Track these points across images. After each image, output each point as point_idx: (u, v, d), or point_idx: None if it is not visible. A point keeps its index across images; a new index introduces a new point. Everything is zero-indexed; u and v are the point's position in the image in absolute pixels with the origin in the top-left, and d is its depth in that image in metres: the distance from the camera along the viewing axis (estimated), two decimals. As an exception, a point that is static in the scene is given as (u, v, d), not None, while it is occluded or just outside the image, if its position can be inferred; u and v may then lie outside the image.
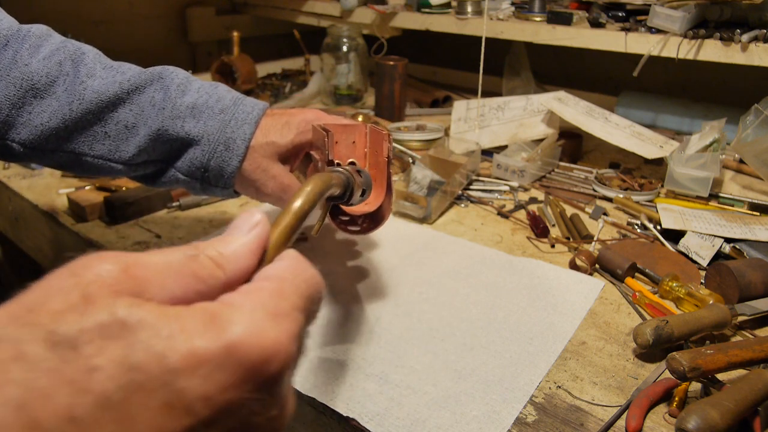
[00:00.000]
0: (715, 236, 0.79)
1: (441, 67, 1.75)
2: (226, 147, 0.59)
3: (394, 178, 1.04)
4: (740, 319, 0.64)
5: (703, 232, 0.80)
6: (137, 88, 0.59)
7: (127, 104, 0.59)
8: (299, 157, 0.64)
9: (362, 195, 0.50)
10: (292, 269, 0.28)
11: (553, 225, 0.87)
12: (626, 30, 1.09)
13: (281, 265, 0.28)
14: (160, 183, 0.63)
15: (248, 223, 0.29)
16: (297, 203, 0.32)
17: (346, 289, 0.70)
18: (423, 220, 0.88)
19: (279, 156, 0.61)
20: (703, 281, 0.72)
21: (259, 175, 0.60)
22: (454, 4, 1.36)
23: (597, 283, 0.72)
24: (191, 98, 0.60)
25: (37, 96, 0.57)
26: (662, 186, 0.98)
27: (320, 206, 0.46)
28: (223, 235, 0.29)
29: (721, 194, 0.96)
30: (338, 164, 0.52)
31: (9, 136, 0.57)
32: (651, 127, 1.15)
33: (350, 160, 0.60)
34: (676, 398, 0.53)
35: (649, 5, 1.07)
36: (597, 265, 0.75)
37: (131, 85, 0.58)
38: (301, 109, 0.64)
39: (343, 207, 0.56)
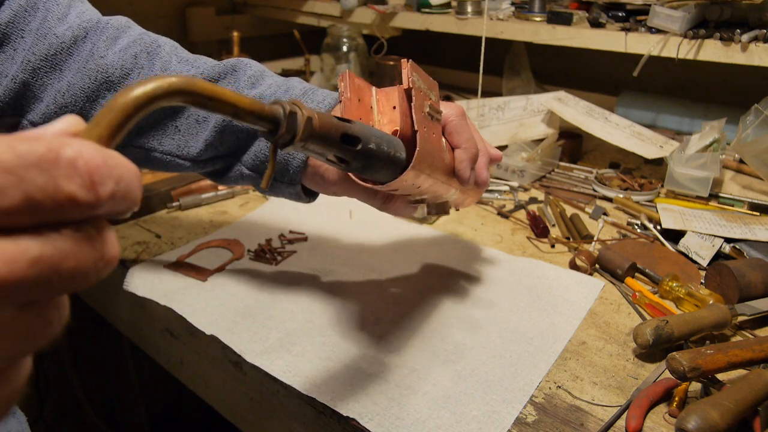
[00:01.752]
0: (715, 236, 0.79)
1: (441, 67, 1.75)
2: None
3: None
4: (740, 319, 0.64)
5: (703, 232, 0.80)
6: (210, 81, 0.57)
7: None
8: None
9: (365, 152, 0.40)
10: (19, 135, 0.21)
11: (553, 225, 0.88)
12: (626, 30, 1.09)
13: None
14: (227, 179, 0.61)
15: (56, 120, 0.23)
16: (125, 97, 0.24)
17: (346, 289, 0.70)
18: (423, 220, 0.88)
19: None
20: (703, 281, 0.72)
21: (322, 166, 0.56)
22: (454, 4, 1.36)
23: (597, 283, 0.72)
24: (259, 90, 0.58)
25: (111, 89, 0.57)
26: (662, 186, 0.98)
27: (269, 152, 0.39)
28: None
29: (721, 194, 0.96)
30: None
31: None
32: (651, 127, 1.15)
33: (395, 128, 0.49)
34: (676, 398, 0.53)
35: (649, 5, 1.07)
36: (597, 265, 0.75)
37: (204, 78, 0.57)
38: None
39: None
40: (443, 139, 0.55)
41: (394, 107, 0.50)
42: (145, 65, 0.57)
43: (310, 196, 0.61)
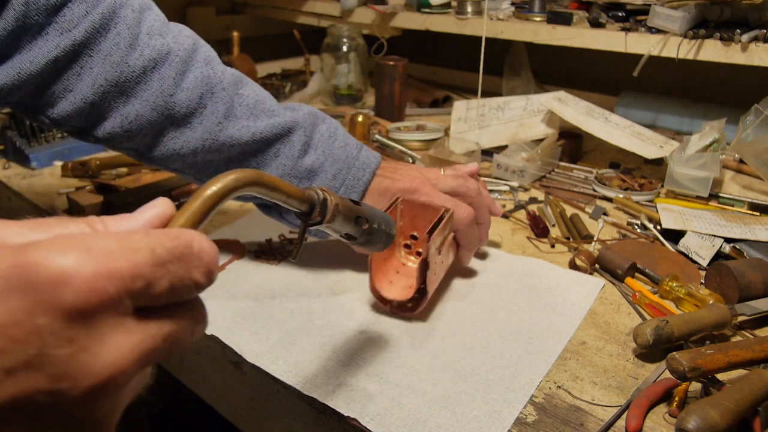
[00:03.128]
0: (715, 236, 0.79)
1: (441, 67, 1.75)
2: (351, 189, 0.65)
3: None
4: (740, 319, 0.64)
5: (703, 232, 0.80)
6: (267, 141, 0.64)
7: (258, 155, 0.65)
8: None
9: (369, 230, 0.48)
10: (164, 231, 0.26)
11: (553, 225, 0.88)
12: (626, 30, 1.09)
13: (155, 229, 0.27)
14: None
15: (150, 204, 0.28)
16: (211, 189, 0.30)
17: (347, 289, 0.70)
18: None
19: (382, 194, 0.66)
20: (703, 281, 0.72)
21: None
22: (454, 4, 1.36)
23: (597, 283, 0.72)
24: (310, 160, 0.65)
25: (174, 123, 0.61)
26: (662, 186, 0.98)
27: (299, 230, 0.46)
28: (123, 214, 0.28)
29: (721, 194, 0.96)
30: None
31: (147, 154, 0.64)
32: (651, 127, 1.15)
33: (413, 233, 0.69)
34: (676, 398, 0.53)
35: (649, 5, 1.07)
36: (597, 265, 0.75)
37: (262, 137, 0.63)
38: (406, 171, 0.68)
39: (379, 292, 0.65)
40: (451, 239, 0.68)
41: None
42: (208, 105, 0.62)
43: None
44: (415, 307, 0.63)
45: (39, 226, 0.25)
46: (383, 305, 0.65)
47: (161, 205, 0.28)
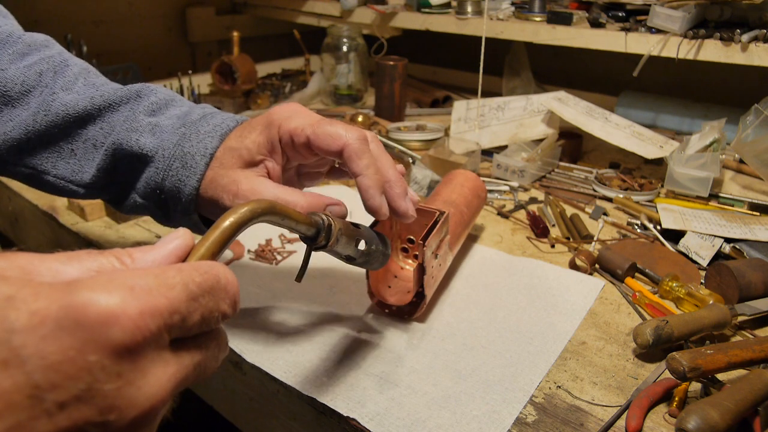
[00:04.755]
0: (715, 236, 0.79)
1: (441, 67, 1.75)
2: (183, 164, 0.52)
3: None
4: (740, 319, 0.64)
5: (703, 232, 0.80)
6: (110, 106, 0.55)
7: (98, 122, 0.54)
8: (280, 152, 0.52)
9: (367, 252, 0.50)
10: (194, 265, 0.27)
11: (553, 225, 0.88)
12: (626, 30, 1.09)
13: (185, 263, 0.29)
14: (124, 208, 0.57)
15: (172, 236, 0.30)
16: (228, 220, 0.32)
17: (347, 289, 0.70)
18: None
19: (243, 162, 0.51)
20: (703, 281, 0.72)
21: (217, 191, 0.51)
22: (454, 4, 1.36)
23: (597, 283, 0.72)
24: (158, 119, 0.54)
25: (8, 104, 0.54)
26: (662, 186, 0.98)
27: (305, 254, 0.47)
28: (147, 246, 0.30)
29: (721, 194, 0.96)
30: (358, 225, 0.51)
31: None
32: (651, 127, 1.15)
33: (409, 236, 0.69)
34: (676, 398, 0.53)
35: (649, 5, 1.07)
36: (597, 265, 0.75)
37: (104, 101, 0.55)
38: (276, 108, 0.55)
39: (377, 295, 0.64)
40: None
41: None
42: (48, 84, 0.55)
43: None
44: (414, 311, 0.63)
45: (71, 259, 0.27)
46: (382, 310, 0.65)
47: (182, 236, 0.30)
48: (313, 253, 0.45)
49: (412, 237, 0.69)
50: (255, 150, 0.51)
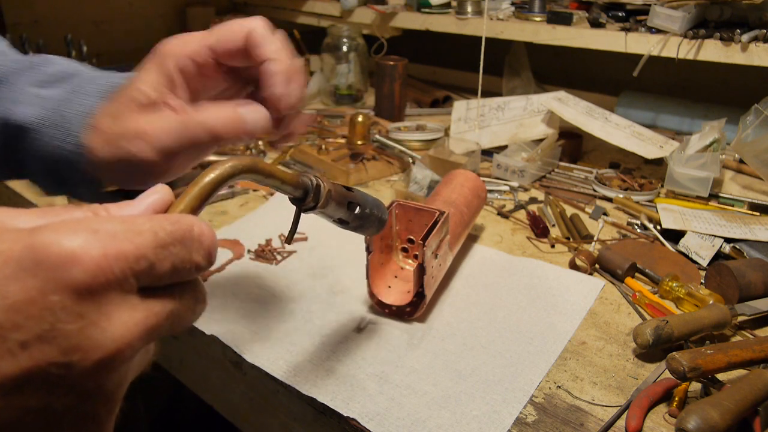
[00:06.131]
0: (715, 236, 0.79)
1: (441, 67, 1.74)
2: (63, 130, 0.46)
3: (394, 177, 1.05)
4: (740, 319, 0.64)
5: (703, 232, 0.80)
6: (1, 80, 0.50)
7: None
8: (182, 86, 0.46)
9: (361, 215, 0.48)
10: (166, 215, 0.27)
11: (553, 225, 0.87)
12: (626, 30, 1.09)
13: (157, 215, 0.28)
14: (14, 177, 0.52)
15: (150, 191, 0.30)
16: (208, 176, 0.32)
17: (347, 289, 0.70)
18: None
19: (140, 107, 0.45)
20: (703, 281, 0.72)
21: (121, 147, 0.45)
22: (454, 4, 1.36)
23: (597, 283, 0.72)
24: (48, 90, 0.49)
25: None
26: (662, 186, 0.98)
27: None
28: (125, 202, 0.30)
29: (721, 194, 0.96)
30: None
31: None
32: (651, 127, 1.15)
33: (409, 236, 0.70)
34: (676, 398, 0.53)
35: (649, 5, 1.07)
36: (597, 265, 0.75)
37: None
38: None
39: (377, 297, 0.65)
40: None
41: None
42: None
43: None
44: (414, 311, 0.63)
45: (47, 213, 0.27)
46: (382, 310, 0.65)
47: (161, 191, 0.30)
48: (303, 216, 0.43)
49: (412, 237, 0.69)
50: (150, 89, 0.44)
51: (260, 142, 1.15)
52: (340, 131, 1.21)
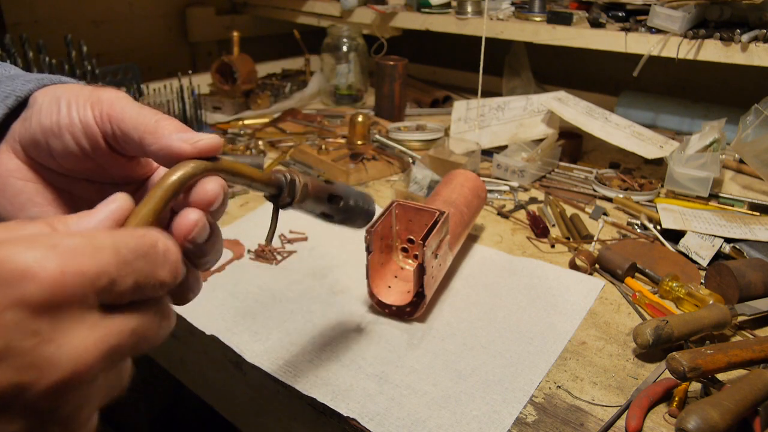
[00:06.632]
0: (715, 236, 0.79)
1: (441, 67, 1.75)
2: None
3: (394, 177, 1.05)
4: (740, 319, 0.64)
5: (703, 232, 0.80)
6: None
7: None
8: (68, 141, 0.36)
9: (345, 208, 0.46)
10: (129, 230, 0.27)
11: (553, 225, 0.87)
12: (626, 30, 1.09)
13: (121, 229, 0.27)
14: None
15: (109, 199, 0.29)
16: (170, 179, 0.30)
17: (347, 289, 0.70)
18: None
19: (14, 152, 0.36)
20: (703, 281, 0.72)
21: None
22: (454, 4, 1.36)
23: (597, 283, 0.72)
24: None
25: None
26: (662, 186, 0.98)
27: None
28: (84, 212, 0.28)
29: (721, 194, 0.96)
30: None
31: None
32: (651, 127, 1.15)
33: (409, 236, 0.70)
34: (676, 398, 0.53)
35: (649, 5, 1.07)
36: (597, 265, 0.75)
37: None
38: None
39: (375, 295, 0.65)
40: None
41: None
42: None
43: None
44: (414, 311, 0.63)
45: (1, 228, 0.25)
46: (382, 310, 0.65)
47: (120, 200, 0.29)
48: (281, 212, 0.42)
49: (412, 237, 0.69)
50: (34, 136, 0.36)
51: (260, 142, 1.15)
52: (340, 131, 1.21)
